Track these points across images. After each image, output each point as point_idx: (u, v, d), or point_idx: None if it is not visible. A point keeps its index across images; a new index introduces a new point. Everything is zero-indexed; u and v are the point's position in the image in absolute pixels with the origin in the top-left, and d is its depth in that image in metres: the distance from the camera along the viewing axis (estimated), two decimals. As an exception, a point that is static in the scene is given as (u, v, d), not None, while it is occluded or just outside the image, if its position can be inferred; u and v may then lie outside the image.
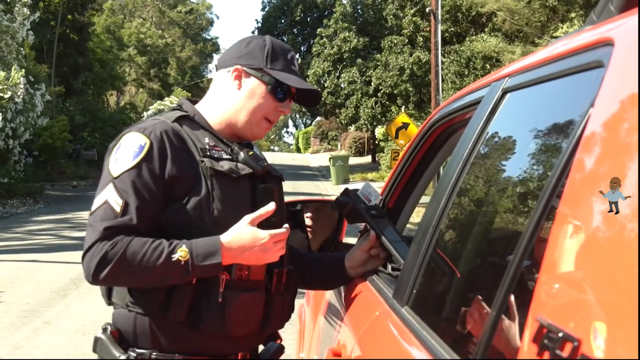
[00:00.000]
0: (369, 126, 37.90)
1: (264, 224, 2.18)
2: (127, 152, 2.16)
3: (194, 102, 2.43)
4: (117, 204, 2.09)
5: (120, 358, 2.15)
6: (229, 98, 2.34)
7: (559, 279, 1.07)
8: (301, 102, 2.47)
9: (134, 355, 2.16)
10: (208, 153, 2.23)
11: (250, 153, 2.31)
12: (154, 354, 2.16)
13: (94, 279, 2.07)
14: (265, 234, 2.15)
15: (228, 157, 2.27)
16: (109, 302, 2.28)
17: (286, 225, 2.23)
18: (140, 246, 2.05)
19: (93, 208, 2.14)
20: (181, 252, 2.06)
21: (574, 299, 1.01)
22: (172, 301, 2.12)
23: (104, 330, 2.23)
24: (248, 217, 2.16)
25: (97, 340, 2.23)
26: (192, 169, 2.18)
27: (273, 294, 2.27)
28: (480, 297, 1.53)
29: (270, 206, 2.20)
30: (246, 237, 2.14)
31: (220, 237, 2.12)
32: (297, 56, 2.47)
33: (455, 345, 1.51)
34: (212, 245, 2.10)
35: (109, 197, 2.11)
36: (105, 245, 2.05)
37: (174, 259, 2.05)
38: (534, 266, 1.24)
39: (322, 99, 37.79)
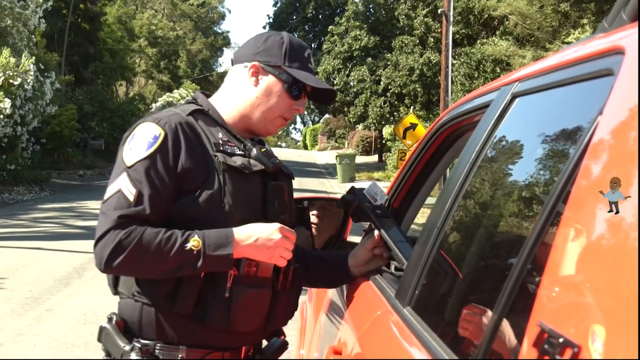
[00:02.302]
0: (377, 125, 37.89)
1: (273, 221, 2.22)
2: (141, 142, 2.16)
3: (208, 96, 2.43)
4: (130, 193, 2.10)
5: (125, 348, 2.16)
6: (245, 94, 2.34)
7: (562, 284, 1.08)
8: (315, 100, 2.47)
9: (139, 345, 2.16)
10: (221, 148, 2.23)
11: (263, 150, 2.32)
12: (159, 345, 2.16)
13: (106, 267, 2.08)
14: (275, 224, 2.19)
15: (241, 152, 2.28)
16: (115, 291, 2.28)
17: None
18: (154, 236, 2.06)
19: (106, 196, 2.14)
20: (194, 242, 2.08)
21: (575, 305, 1.01)
22: (179, 293, 2.13)
23: (109, 319, 2.23)
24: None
25: (102, 329, 2.24)
26: (205, 163, 2.19)
27: (279, 292, 2.28)
28: (473, 304, 1.54)
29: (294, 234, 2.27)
30: (257, 229, 2.16)
31: (232, 229, 2.14)
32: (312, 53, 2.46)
33: (456, 347, 1.52)
34: (224, 236, 2.12)
35: (122, 186, 2.12)
36: (119, 234, 2.05)
37: (186, 248, 2.07)
38: (534, 269, 1.25)
39: (332, 96, 37.73)
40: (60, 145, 29.17)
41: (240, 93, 2.35)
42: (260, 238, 2.15)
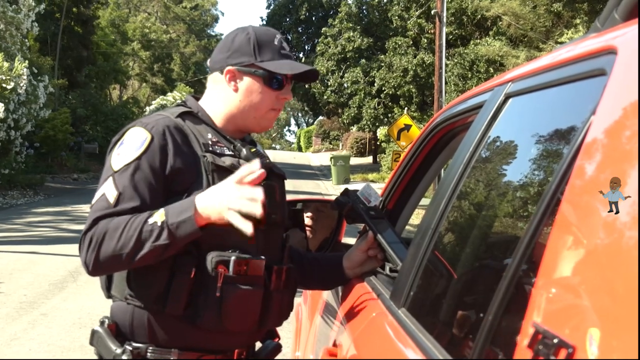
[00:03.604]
0: (371, 127, 37.91)
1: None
2: (128, 146, 2.17)
3: (198, 99, 2.43)
4: (112, 196, 2.11)
5: (116, 351, 2.16)
6: (229, 100, 2.33)
7: (556, 284, 1.07)
8: (300, 80, 2.42)
9: (130, 348, 2.16)
10: (210, 148, 2.23)
11: (253, 150, 2.31)
12: (150, 348, 2.16)
13: (88, 269, 2.10)
14: (233, 176, 2.06)
15: (230, 153, 2.27)
16: (108, 294, 2.28)
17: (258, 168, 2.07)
18: (122, 221, 2.06)
19: (92, 201, 2.16)
20: (157, 215, 2.05)
21: (570, 305, 1.01)
22: (169, 294, 2.12)
23: (101, 323, 2.23)
24: (231, 177, 2.07)
25: (94, 333, 2.24)
26: (193, 164, 2.19)
27: (272, 291, 2.26)
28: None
29: (255, 165, 2.07)
30: (215, 187, 2.09)
31: (197, 195, 2.09)
32: (283, 36, 2.41)
33: (451, 348, 1.52)
34: (186, 202, 2.08)
35: (106, 190, 2.13)
36: (90, 233, 2.08)
37: (150, 222, 2.04)
38: (530, 269, 1.24)
39: (325, 97, 37.82)
40: (54, 149, 29.17)
41: (224, 100, 2.34)
42: (216, 193, 2.05)
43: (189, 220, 2.04)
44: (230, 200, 2.01)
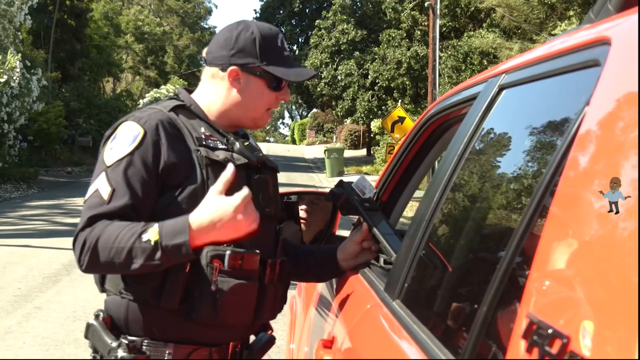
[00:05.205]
0: (364, 119, 37.89)
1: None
2: (121, 141, 2.16)
3: (190, 92, 2.42)
4: (105, 192, 2.09)
5: (112, 345, 2.15)
6: (229, 98, 2.31)
7: (550, 276, 1.08)
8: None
9: (126, 342, 2.15)
10: (204, 142, 2.22)
11: (246, 143, 2.31)
12: (146, 341, 2.16)
13: (80, 266, 2.09)
14: (234, 198, 2.04)
15: (223, 147, 2.27)
16: (102, 289, 2.27)
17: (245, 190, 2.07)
18: (116, 229, 2.03)
19: (86, 196, 2.14)
20: (151, 232, 2.02)
21: (564, 297, 1.01)
22: (164, 289, 2.11)
23: (96, 316, 2.23)
24: (213, 189, 2.07)
25: (89, 326, 2.23)
26: (187, 158, 2.17)
27: (266, 285, 2.26)
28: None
29: (229, 170, 2.08)
30: (213, 207, 2.05)
31: (189, 216, 2.05)
32: (283, 36, 2.41)
33: (445, 340, 1.52)
34: (180, 223, 2.04)
35: (99, 185, 2.12)
36: (85, 233, 2.06)
37: (144, 239, 2.01)
38: (524, 262, 1.25)
39: (319, 89, 37.80)
40: (48, 143, 29.11)
41: (223, 96, 2.32)
42: (222, 220, 2.03)
43: (184, 245, 2.02)
44: (246, 219, 2.04)
